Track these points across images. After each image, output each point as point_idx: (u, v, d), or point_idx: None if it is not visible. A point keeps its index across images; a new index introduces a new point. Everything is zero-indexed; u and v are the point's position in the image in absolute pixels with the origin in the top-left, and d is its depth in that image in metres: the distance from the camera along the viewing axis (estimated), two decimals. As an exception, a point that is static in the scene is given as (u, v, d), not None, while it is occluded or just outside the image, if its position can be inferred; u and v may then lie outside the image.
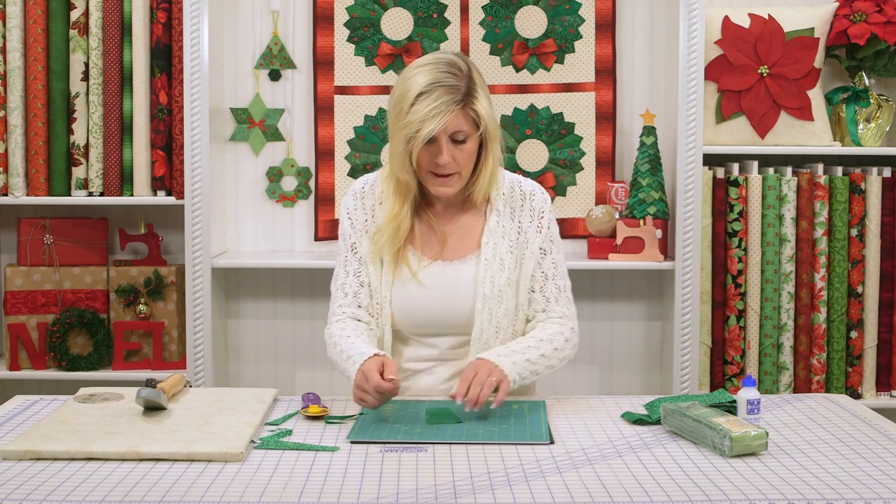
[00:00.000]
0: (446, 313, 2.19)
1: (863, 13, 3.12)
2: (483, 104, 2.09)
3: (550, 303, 2.21)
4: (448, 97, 2.05)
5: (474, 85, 2.09)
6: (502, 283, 2.17)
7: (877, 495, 1.59)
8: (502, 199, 2.21)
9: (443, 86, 2.05)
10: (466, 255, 2.21)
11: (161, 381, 2.08)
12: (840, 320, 3.20)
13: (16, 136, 3.16)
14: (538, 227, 2.21)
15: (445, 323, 2.20)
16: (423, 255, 2.21)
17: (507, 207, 2.21)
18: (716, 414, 1.86)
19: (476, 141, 2.12)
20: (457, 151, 2.10)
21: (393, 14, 3.30)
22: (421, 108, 2.04)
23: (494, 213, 2.21)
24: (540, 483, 1.65)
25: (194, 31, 3.06)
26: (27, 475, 1.69)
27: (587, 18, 3.29)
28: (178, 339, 3.25)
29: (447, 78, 2.06)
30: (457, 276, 2.19)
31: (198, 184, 3.09)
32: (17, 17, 3.14)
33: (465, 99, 2.07)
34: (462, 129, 2.08)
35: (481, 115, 2.08)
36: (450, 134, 2.08)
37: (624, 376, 3.42)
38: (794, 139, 3.17)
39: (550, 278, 2.21)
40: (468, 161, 2.13)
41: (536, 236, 2.21)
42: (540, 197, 2.24)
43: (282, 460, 1.77)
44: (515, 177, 2.27)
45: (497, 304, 2.17)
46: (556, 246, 2.24)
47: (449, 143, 2.09)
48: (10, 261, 3.36)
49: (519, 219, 2.21)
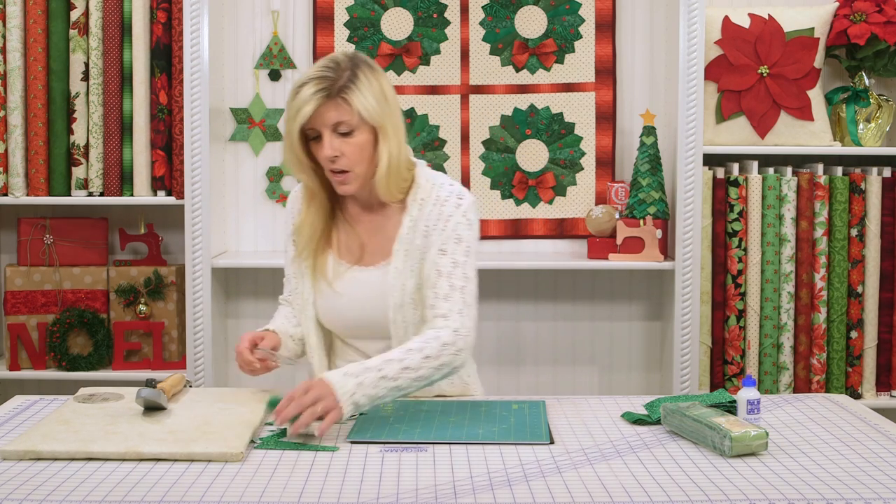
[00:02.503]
0: (363, 321, 2.20)
1: (863, 13, 3.12)
2: (360, 97, 2.07)
3: (438, 299, 2.10)
4: (317, 87, 2.06)
5: (355, 79, 2.08)
6: (412, 289, 2.14)
7: (877, 495, 1.59)
8: (418, 204, 2.17)
9: (316, 78, 2.07)
10: (380, 261, 2.19)
11: (161, 381, 2.08)
12: (840, 320, 3.20)
13: (16, 136, 3.16)
14: (442, 229, 2.14)
15: (365, 329, 2.21)
16: (343, 259, 2.22)
17: (422, 212, 2.17)
18: (716, 414, 1.86)
19: (366, 135, 2.10)
20: (344, 144, 2.09)
21: (393, 14, 3.30)
22: (295, 101, 2.08)
23: (408, 218, 2.16)
24: (540, 483, 1.66)
25: (194, 31, 3.06)
26: (27, 475, 1.69)
27: (587, 18, 3.29)
28: (178, 339, 3.25)
29: (323, 72, 2.08)
30: (371, 282, 2.18)
31: (198, 184, 3.09)
32: (17, 17, 3.14)
33: (339, 90, 2.07)
34: (342, 119, 2.07)
35: (354, 105, 2.06)
36: (331, 126, 2.08)
37: (624, 376, 3.42)
38: (794, 139, 3.17)
39: (445, 276, 2.11)
40: (359, 155, 2.10)
41: (438, 238, 2.14)
42: (453, 202, 2.16)
43: (282, 460, 1.77)
44: (440, 181, 2.21)
45: (411, 311, 2.15)
46: (464, 249, 2.14)
47: (335, 136, 2.09)
48: (10, 261, 3.36)
49: (426, 223, 2.16)
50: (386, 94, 2.13)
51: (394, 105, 2.15)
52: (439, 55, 3.30)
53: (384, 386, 1.95)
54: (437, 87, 3.32)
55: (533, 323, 3.41)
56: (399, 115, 2.17)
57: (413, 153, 2.27)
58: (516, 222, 3.35)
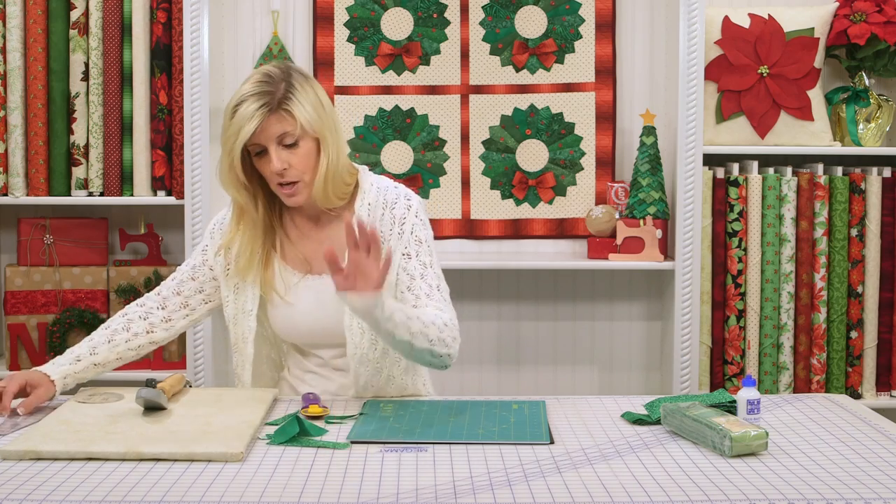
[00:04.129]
0: (319, 329, 2.20)
1: (863, 13, 3.12)
2: (300, 107, 2.08)
3: (421, 300, 2.11)
4: (259, 102, 2.07)
5: (291, 89, 2.09)
6: None
7: (877, 495, 1.59)
8: (367, 208, 2.18)
9: (253, 94, 2.08)
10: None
11: (161, 381, 2.08)
12: (840, 320, 3.20)
13: (16, 136, 3.16)
14: (399, 233, 2.16)
15: (321, 338, 2.22)
16: (294, 269, 2.22)
17: (371, 216, 2.17)
18: (716, 414, 1.86)
19: (310, 143, 2.11)
20: (291, 156, 2.10)
21: (393, 14, 3.30)
22: (236, 119, 2.07)
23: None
24: (540, 483, 1.65)
25: (194, 31, 3.06)
26: (27, 475, 1.69)
27: (587, 18, 3.29)
28: (178, 339, 3.25)
29: (259, 87, 2.08)
30: (324, 290, 2.17)
31: (198, 184, 3.09)
32: (17, 17, 3.14)
33: (279, 102, 2.08)
34: (286, 130, 2.08)
35: (296, 116, 2.08)
36: (276, 139, 2.09)
37: (624, 376, 3.42)
38: (794, 139, 3.18)
39: (419, 277, 2.13)
40: (306, 164, 2.11)
41: (398, 242, 2.15)
42: (402, 204, 2.18)
43: (282, 460, 1.77)
44: (386, 185, 2.22)
45: None
46: (426, 248, 2.17)
47: (280, 148, 2.09)
48: (10, 261, 3.36)
49: (380, 228, 2.16)
50: (322, 101, 2.14)
51: (330, 111, 2.16)
52: (439, 55, 3.30)
53: (403, 312, 1.95)
54: (437, 87, 3.31)
55: (533, 323, 3.41)
56: (336, 120, 2.17)
57: (351, 158, 2.25)
58: (516, 222, 3.35)
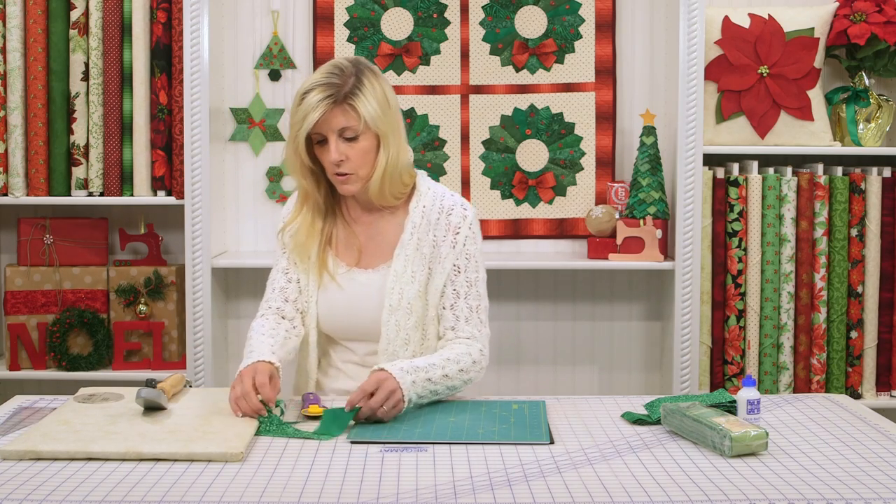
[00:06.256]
0: (356, 321, 2.24)
1: (863, 13, 3.12)
2: (365, 103, 2.12)
3: (460, 322, 2.21)
4: (324, 94, 2.11)
5: (360, 84, 2.13)
6: (411, 295, 2.20)
7: (877, 495, 1.59)
8: (421, 211, 2.22)
9: (322, 84, 2.12)
10: (379, 264, 2.24)
11: (161, 381, 2.09)
12: (840, 320, 3.20)
13: (16, 136, 3.16)
14: (452, 243, 2.21)
15: (356, 330, 2.25)
16: (342, 261, 2.27)
17: (425, 220, 2.22)
18: (716, 414, 1.86)
19: (370, 140, 2.15)
20: (349, 149, 2.14)
21: (393, 14, 3.30)
22: (302, 107, 2.12)
23: (410, 224, 2.22)
24: (540, 483, 1.66)
25: (194, 31, 3.06)
26: (27, 475, 1.69)
27: (587, 18, 3.29)
28: (178, 339, 3.25)
29: (328, 78, 2.13)
30: (369, 285, 2.23)
31: (198, 184, 3.09)
32: (17, 17, 3.14)
33: (345, 96, 2.11)
34: (348, 125, 2.13)
35: (360, 112, 2.11)
36: (337, 131, 2.13)
37: (624, 376, 3.42)
38: (794, 139, 3.17)
39: (462, 297, 2.21)
40: (363, 159, 2.16)
41: (450, 252, 2.21)
42: (459, 212, 2.23)
43: (282, 460, 1.77)
44: (443, 191, 2.27)
45: (406, 317, 2.20)
46: (475, 264, 2.23)
47: (340, 140, 2.14)
48: (10, 261, 3.36)
49: (434, 232, 2.21)
50: (388, 99, 2.18)
51: (395, 110, 2.20)
52: (439, 55, 3.30)
53: (428, 388, 2.06)
54: (437, 87, 3.31)
55: (533, 323, 3.41)
56: (400, 119, 2.22)
57: (413, 160, 2.31)
58: (516, 222, 3.35)
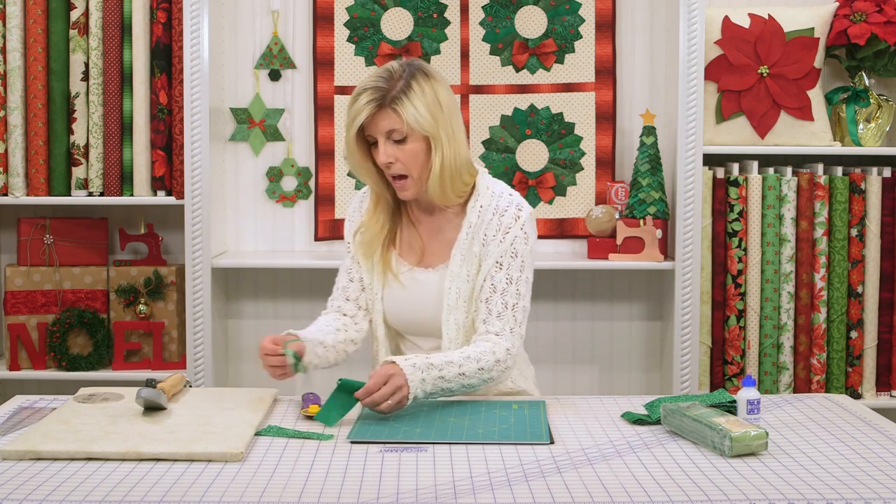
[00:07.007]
0: (419, 319, 2.28)
1: (863, 13, 3.12)
2: (409, 107, 2.13)
3: (491, 316, 2.19)
4: (371, 97, 2.14)
5: (407, 89, 2.15)
6: (465, 294, 2.22)
7: (877, 495, 1.59)
8: (478, 211, 2.24)
9: (370, 88, 2.15)
10: (438, 264, 2.27)
11: (161, 381, 2.09)
12: (840, 320, 3.20)
13: (16, 136, 3.16)
14: (500, 241, 2.21)
15: (420, 327, 2.30)
16: (405, 260, 2.31)
17: (480, 219, 2.23)
18: (716, 414, 1.86)
19: (419, 143, 2.17)
20: (398, 151, 2.17)
21: (393, 14, 3.30)
22: (353, 109, 2.16)
23: (467, 224, 2.24)
24: (540, 483, 1.66)
25: (194, 31, 3.06)
26: (27, 475, 1.69)
27: (587, 18, 3.29)
28: (178, 339, 3.25)
29: (376, 81, 2.16)
30: (429, 284, 2.27)
31: (198, 184, 3.09)
32: (17, 17, 3.14)
33: (391, 100, 2.14)
34: (395, 127, 2.15)
35: (402, 115, 2.13)
36: (385, 133, 2.16)
37: (624, 376, 3.42)
38: (794, 139, 3.17)
39: (499, 292, 2.20)
40: (413, 161, 2.18)
41: (496, 249, 2.21)
42: (512, 213, 2.22)
43: (282, 460, 1.77)
44: (501, 190, 2.27)
45: (463, 315, 2.23)
46: (519, 263, 2.22)
47: (388, 142, 2.17)
48: (10, 261, 3.36)
49: (486, 231, 2.22)
50: (441, 102, 2.18)
51: (449, 112, 2.20)
52: (439, 55, 3.30)
53: (439, 385, 2.07)
54: (437, 87, 3.31)
55: (533, 323, 3.41)
56: (456, 121, 2.22)
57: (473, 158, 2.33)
58: (516, 222, 3.34)
